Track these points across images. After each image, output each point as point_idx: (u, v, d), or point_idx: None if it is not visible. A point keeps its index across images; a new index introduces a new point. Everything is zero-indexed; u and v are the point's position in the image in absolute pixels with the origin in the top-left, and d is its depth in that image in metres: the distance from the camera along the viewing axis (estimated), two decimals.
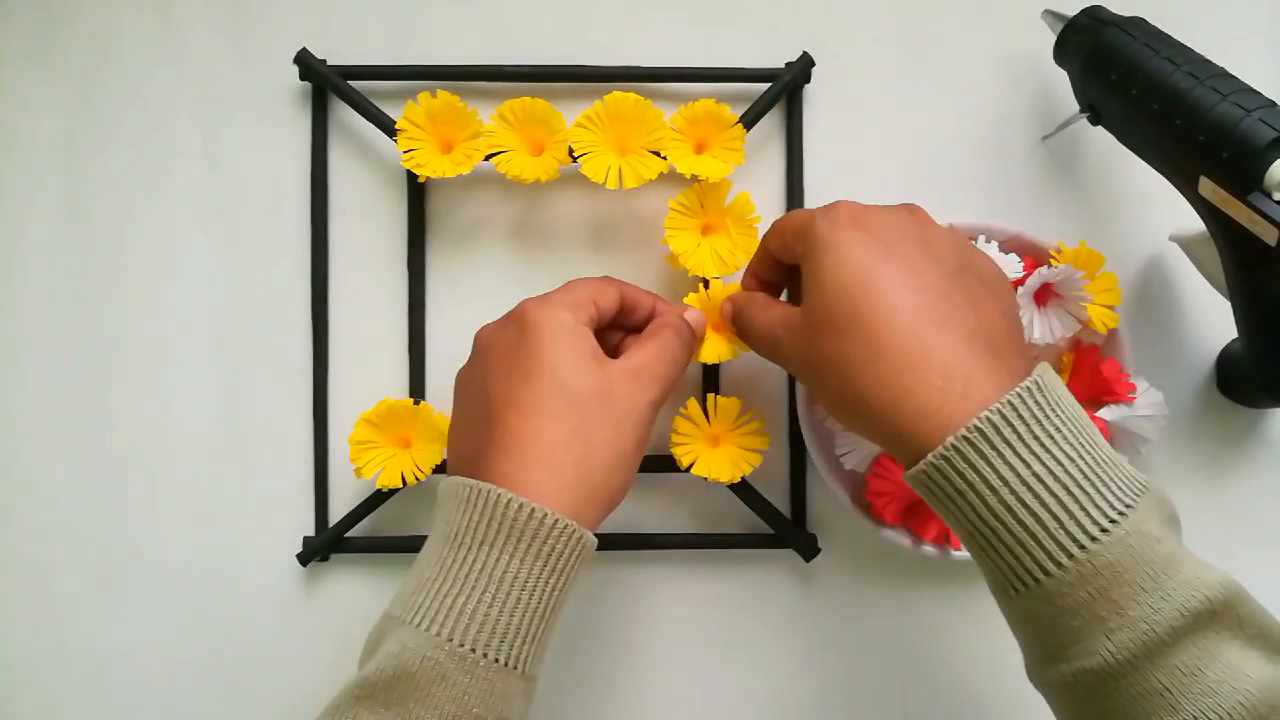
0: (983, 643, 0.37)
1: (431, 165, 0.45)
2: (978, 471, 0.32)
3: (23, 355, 0.48)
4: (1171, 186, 0.41)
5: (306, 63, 0.47)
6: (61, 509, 0.48)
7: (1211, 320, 0.48)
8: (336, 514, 0.48)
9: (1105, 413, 0.44)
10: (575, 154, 0.44)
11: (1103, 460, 0.32)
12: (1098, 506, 0.31)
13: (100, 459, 0.48)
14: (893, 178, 0.49)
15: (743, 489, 0.47)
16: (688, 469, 0.44)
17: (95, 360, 0.48)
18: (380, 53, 0.48)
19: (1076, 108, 0.45)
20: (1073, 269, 0.43)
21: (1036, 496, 0.31)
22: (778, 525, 0.47)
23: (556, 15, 0.48)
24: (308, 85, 0.48)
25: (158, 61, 0.48)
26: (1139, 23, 0.42)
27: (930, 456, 0.32)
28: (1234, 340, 0.48)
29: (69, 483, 0.48)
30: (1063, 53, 0.44)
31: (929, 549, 0.45)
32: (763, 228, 0.45)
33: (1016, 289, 0.43)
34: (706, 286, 0.45)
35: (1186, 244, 0.45)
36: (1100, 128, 0.44)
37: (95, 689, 0.47)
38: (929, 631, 0.48)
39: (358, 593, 0.48)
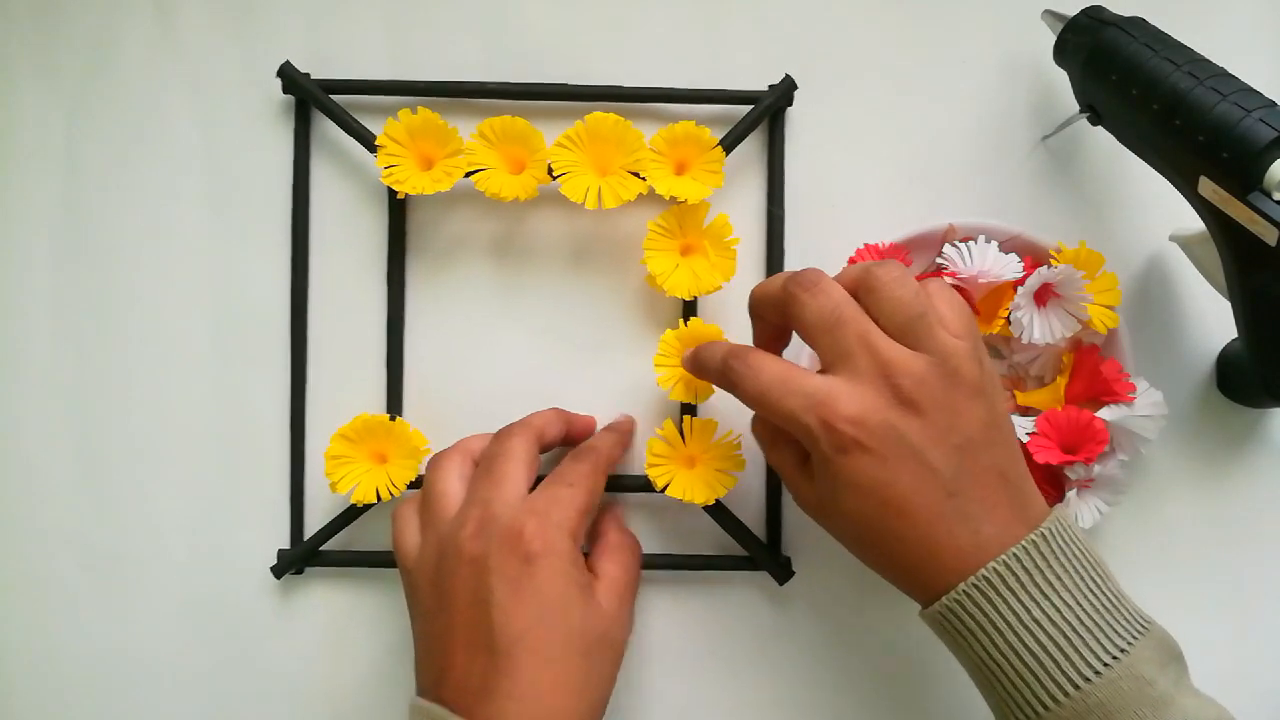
0: (955, 670, 0.37)
1: (411, 182, 0.44)
2: (985, 614, 0.34)
3: (20, 354, 0.48)
4: (1171, 186, 0.41)
5: (289, 76, 0.47)
6: (56, 511, 0.48)
7: (1211, 320, 0.48)
8: (313, 527, 0.47)
9: (1105, 413, 0.44)
10: (555, 173, 0.44)
11: (1104, 605, 0.35)
12: (1091, 651, 0.34)
13: (91, 462, 0.48)
14: (881, 193, 0.48)
15: (717, 510, 0.46)
16: (662, 490, 0.44)
17: (90, 363, 0.48)
18: (381, 65, 0.48)
19: (1076, 108, 0.45)
20: (1073, 269, 0.43)
21: (1036, 639, 0.34)
22: (752, 547, 0.47)
23: (553, 34, 0.48)
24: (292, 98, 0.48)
25: (158, 65, 0.48)
26: (1139, 23, 0.42)
27: (944, 599, 0.35)
28: (1234, 340, 0.48)
29: (62, 485, 0.48)
30: (1063, 53, 0.44)
31: None
32: (742, 249, 0.46)
33: (1016, 289, 0.44)
34: (689, 314, 0.45)
35: (1186, 244, 0.45)
36: (1100, 128, 0.44)
37: (83, 691, 0.47)
38: (901, 658, 0.47)
39: (331, 606, 0.48)
